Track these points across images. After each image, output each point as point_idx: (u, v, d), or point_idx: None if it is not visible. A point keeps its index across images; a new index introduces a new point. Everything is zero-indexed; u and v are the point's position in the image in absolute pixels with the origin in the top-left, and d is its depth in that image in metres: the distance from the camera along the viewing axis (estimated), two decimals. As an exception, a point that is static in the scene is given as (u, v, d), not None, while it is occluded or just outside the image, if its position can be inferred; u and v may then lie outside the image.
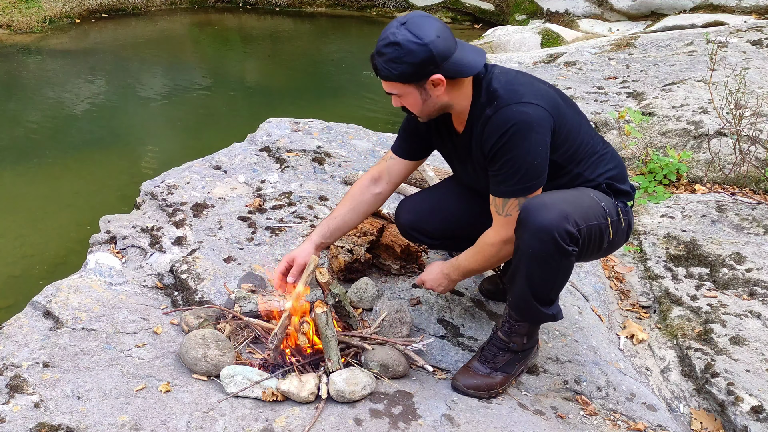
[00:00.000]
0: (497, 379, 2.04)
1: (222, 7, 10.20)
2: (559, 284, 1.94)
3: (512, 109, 1.80)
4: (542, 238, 1.79)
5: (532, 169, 1.81)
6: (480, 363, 2.07)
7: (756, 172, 3.61)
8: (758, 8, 7.09)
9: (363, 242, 2.41)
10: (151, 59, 7.91)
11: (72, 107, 6.30)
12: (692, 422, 2.18)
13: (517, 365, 2.09)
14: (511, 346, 2.05)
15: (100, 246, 2.62)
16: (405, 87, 1.82)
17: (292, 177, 3.16)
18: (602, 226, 1.90)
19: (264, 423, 1.79)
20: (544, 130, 1.81)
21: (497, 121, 1.81)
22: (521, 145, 1.79)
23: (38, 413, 1.75)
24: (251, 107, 6.58)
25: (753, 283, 2.71)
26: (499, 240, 1.94)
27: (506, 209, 1.87)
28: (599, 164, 1.99)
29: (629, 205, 2.04)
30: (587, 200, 1.90)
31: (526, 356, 2.11)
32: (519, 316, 2.01)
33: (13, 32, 8.24)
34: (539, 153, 1.81)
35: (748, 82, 4.05)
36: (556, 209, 1.79)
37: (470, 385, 2.02)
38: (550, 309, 1.97)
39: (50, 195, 4.57)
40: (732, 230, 3.13)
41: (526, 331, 2.03)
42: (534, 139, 1.79)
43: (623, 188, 2.01)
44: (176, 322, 2.21)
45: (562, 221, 1.78)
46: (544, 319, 2.00)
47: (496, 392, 2.04)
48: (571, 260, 1.86)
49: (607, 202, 1.94)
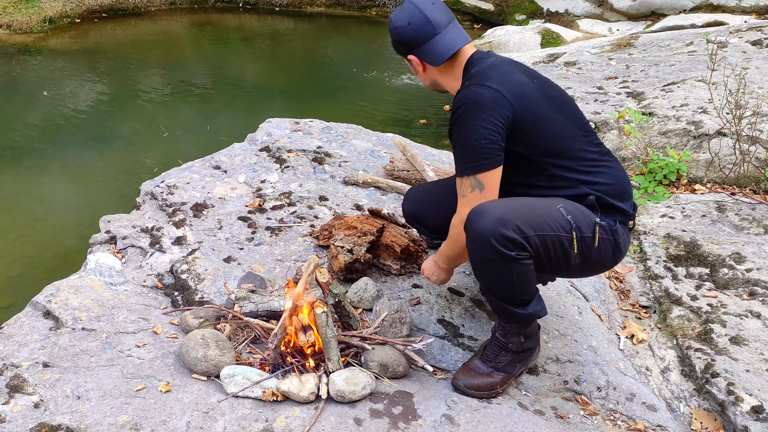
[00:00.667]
0: (497, 378, 2.04)
1: (222, 7, 10.20)
2: (521, 288, 1.89)
3: (470, 89, 1.85)
4: (480, 244, 1.81)
5: (478, 148, 1.82)
6: (481, 362, 2.06)
7: (756, 172, 3.61)
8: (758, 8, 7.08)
9: (363, 242, 2.41)
10: (151, 59, 7.90)
11: (72, 107, 6.30)
12: (692, 422, 2.18)
13: (518, 366, 2.09)
14: (509, 346, 2.05)
15: (100, 246, 2.62)
16: (406, 59, 2.01)
17: (292, 177, 3.16)
18: (563, 239, 1.84)
19: (264, 423, 1.79)
20: (495, 113, 1.81)
21: (455, 99, 1.88)
22: (468, 123, 1.83)
23: (38, 413, 1.75)
24: (251, 107, 6.58)
25: (753, 283, 2.71)
26: (458, 220, 1.95)
27: (462, 189, 1.90)
28: (591, 173, 1.94)
29: (626, 226, 1.98)
30: (546, 210, 1.86)
31: (528, 357, 2.10)
32: (502, 319, 2.02)
33: (13, 32, 8.24)
34: (485, 134, 1.81)
35: (748, 82, 4.05)
36: (494, 215, 1.79)
37: (471, 385, 2.02)
38: (525, 309, 1.94)
39: (50, 195, 4.57)
40: (732, 230, 3.13)
41: (517, 331, 2.03)
42: (481, 119, 1.81)
43: (618, 205, 1.95)
44: (176, 322, 2.21)
45: (498, 226, 1.77)
46: (522, 319, 1.98)
47: (496, 392, 2.04)
48: (522, 264, 1.82)
49: (582, 218, 1.88)
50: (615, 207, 1.95)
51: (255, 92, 7.13)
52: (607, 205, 1.94)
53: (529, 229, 1.80)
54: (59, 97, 6.55)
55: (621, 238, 1.96)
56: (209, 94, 6.96)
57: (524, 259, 1.81)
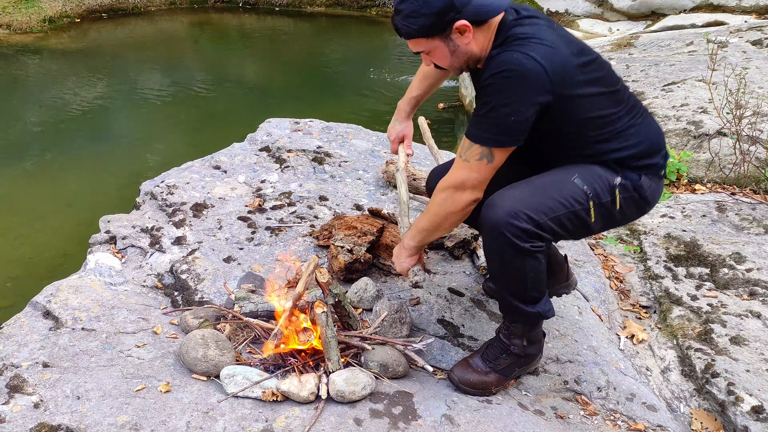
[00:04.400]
0: (492, 379, 2.03)
1: (222, 7, 10.20)
2: (533, 283, 1.87)
3: (512, 55, 1.68)
4: (494, 236, 1.78)
5: (505, 123, 1.70)
6: (481, 360, 2.05)
7: (756, 172, 3.61)
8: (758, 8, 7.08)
9: (363, 242, 2.41)
10: (151, 59, 7.91)
11: (72, 107, 6.31)
12: (692, 422, 2.18)
13: (516, 370, 2.07)
14: (512, 349, 2.03)
15: (100, 246, 2.62)
16: (430, 42, 1.74)
17: (292, 177, 3.16)
18: (579, 212, 1.80)
19: (264, 423, 1.79)
20: (534, 93, 1.68)
21: (495, 61, 1.70)
22: (504, 92, 1.69)
23: (38, 413, 1.75)
24: (251, 107, 6.59)
25: (753, 283, 2.71)
26: (448, 184, 1.82)
27: (467, 153, 1.77)
28: (620, 138, 1.83)
29: (654, 176, 1.89)
30: (558, 188, 1.80)
31: (528, 363, 2.08)
32: (509, 318, 2.00)
33: (12, 32, 8.24)
34: (518, 111, 1.69)
35: (748, 82, 4.05)
36: (507, 207, 1.75)
37: (464, 381, 2.01)
38: (535, 307, 1.92)
39: (50, 195, 4.57)
40: (732, 230, 3.13)
41: (521, 332, 2.01)
42: (518, 94, 1.68)
43: (643, 163, 1.86)
44: (176, 322, 2.21)
45: (511, 218, 1.73)
46: (531, 318, 1.96)
47: (489, 392, 2.03)
48: (535, 257, 1.80)
49: (600, 183, 1.82)
50: (639, 165, 1.86)
51: (255, 92, 7.13)
52: (631, 166, 1.85)
53: (541, 215, 1.76)
54: (59, 96, 6.55)
55: (647, 191, 1.88)
56: (209, 93, 6.97)
57: (538, 251, 1.79)
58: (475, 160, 1.75)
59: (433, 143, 3.15)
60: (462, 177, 1.79)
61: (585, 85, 1.76)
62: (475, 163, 1.76)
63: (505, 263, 1.83)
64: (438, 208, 1.87)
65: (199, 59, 8.36)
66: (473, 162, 1.76)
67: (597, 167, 1.85)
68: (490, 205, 1.79)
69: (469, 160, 1.76)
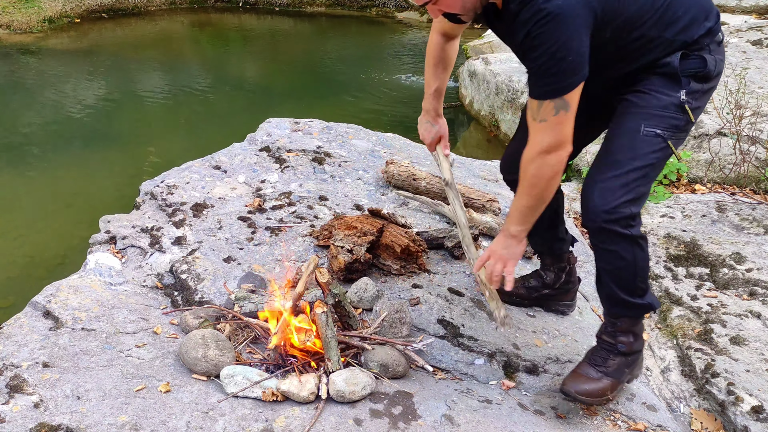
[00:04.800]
0: (607, 384, 2.00)
1: (222, 7, 10.21)
2: (642, 272, 1.87)
3: (537, 3, 1.59)
4: (600, 235, 1.79)
5: (567, 64, 1.62)
6: (591, 367, 2.01)
7: (756, 172, 3.61)
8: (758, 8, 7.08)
9: (363, 242, 2.41)
10: (151, 59, 7.91)
11: (72, 107, 6.31)
12: (692, 422, 2.18)
13: (626, 371, 2.03)
14: (619, 347, 1.99)
15: (99, 246, 2.62)
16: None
17: (292, 177, 3.16)
18: (661, 159, 1.80)
19: (264, 423, 1.79)
20: (581, 20, 1.60)
21: (524, 17, 1.62)
22: (553, 37, 1.59)
23: (38, 413, 1.75)
24: (251, 107, 6.59)
25: (753, 283, 2.71)
26: (535, 152, 1.73)
27: (541, 113, 1.68)
28: (665, 20, 1.73)
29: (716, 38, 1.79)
30: (633, 150, 1.77)
31: (635, 361, 2.05)
32: (614, 314, 1.97)
33: (12, 32, 8.24)
34: (572, 48, 1.60)
35: (748, 82, 4.05)
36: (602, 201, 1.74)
37: (581, 391, 1.97)
38: (644, 299, 1.92)
39: (50, 195, 4.57)
40: (732, 230, 3.13)
41: (627, 328, 1.98)
42: (568, 31, 1.59)
43: (700, 33, 1.75)
44: (176, 322, 2.21)
45: (610, 213, 1.74)
46: (641, 310, 1.95)
47: (607, 398, 1.99)
48: (641, 245, 1.81)
49: (669, 114, 1.77)
50: (697, 41, 1.76)
51: (255, 92, 7.13)
52: (693, 43, 1.76)
53: (632, 190, 1.76)
54: (59, 96, 6.56)
55: (714, 70, 1.78)
56: (209, 93, 6.97)
57: (636, 235, 1.79)
58: (552, 116, 1.67)
59: None
60: (548, 139, 1.70)
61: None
62: (554, 119, 1.67)
63: (614, 258, 1.83)
64: (536, 179, 1.77)
65: (199, 59, 8.36)
66: (551, 119, 1.67)
67: (656, 93, 1.77)
68: (585, 203, 1.79)
69: (547, 119, 1.68)
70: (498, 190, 3.32)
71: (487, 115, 5.93)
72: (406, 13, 10.24)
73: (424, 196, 3.02)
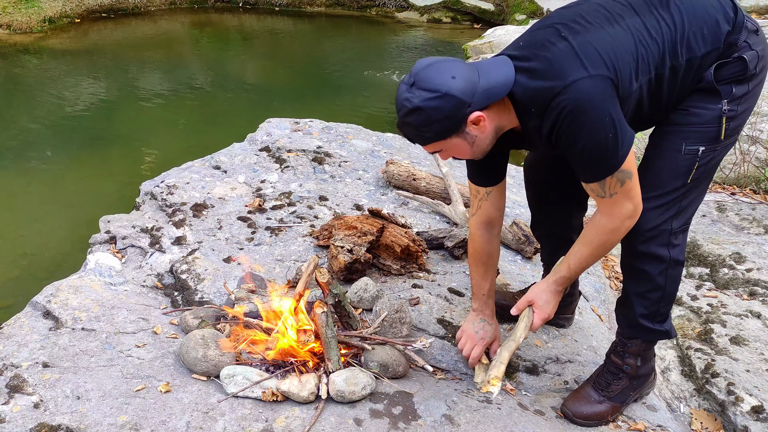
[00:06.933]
0: (607, 408, 2.00)
1: (222, 7, 10.21)
2: (668, 296, 1.85)
3: (554, 104, 1.58)
4: (635, 242, 1.77)
5: (609, 145, 1.60)
6: (594, 390, 2.02)
7: (756, 172, 3.61)
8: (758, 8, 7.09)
9: (363, 242, 2.41)
10: (151, 59, 7.91)
11: (72, 107, 6.31)
12: (692, 422, 2.18)
13: (630, 395, 2.03)
14: (624, 368, 1.99)
15: (99, 246, 2.62)
16: (446, 141, 1.66)
17: (292, 177, 3.16)
18: (704, 171, 1.76)
19: (264, 423, 1.79)
20: (602, 98, 1.57)
21: (547, 125, 1.62)
22: (585, 131, 1.58)
23: (38, 413, 1.75)
24: (251, 107, 6.59)
25: (753, 283, 2.71)
26: (619, 221, 1.72)
27: (608, 190, 1.68)
28: (687, 44, 1.66)
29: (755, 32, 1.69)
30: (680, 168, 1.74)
31: (640, 385, 2.04)
32: (627, 334, 1.96)
33: (13, 32, 8.24)
34: (609, 124, 1.57)
35: (748, 82, 4.04)
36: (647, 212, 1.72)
37: (579, 414, 1.98)
38: (663, 325, 1.90)
39: (50, 195, 4.57)
40: (732, 230, 3.13)
41: (637, 351, 1.97)
42: (596, 115, 1.57)
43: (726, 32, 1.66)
44: (176, 322, 2.21)
45: (650, 223, 1.73)
46: (656, 336, 1.94)
47: (606, 421, 2.00)
48: (675, 269, 1.80)
49: (711, 129, 1.71)
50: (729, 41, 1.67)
51: (255, 92, 7.13)
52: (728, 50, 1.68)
53: (674, 207, 1.75)
54: (59, 96, 6.56)
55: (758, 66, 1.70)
56: (209, 94, 6.97)
57: (678, 261, 1.79)
58: (619, 188, 1.67)
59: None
60: (628, 207, 1.71)
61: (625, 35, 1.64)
62: (622, 190, 1.67)
63: (645, 280, 1.82)
64: (610, 243, 1.79)
65: (199, 59, 8.36)
66: (619, 190, 1.68)
67: (696, 110, 1.72)
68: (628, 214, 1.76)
69: (617, 192, 1.68)
70: (498, 190, 3.32)
71: (487, 115, 5.93)
72: (406, 13, 10.24)
73: (424, 196, 3.02)
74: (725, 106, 1.70)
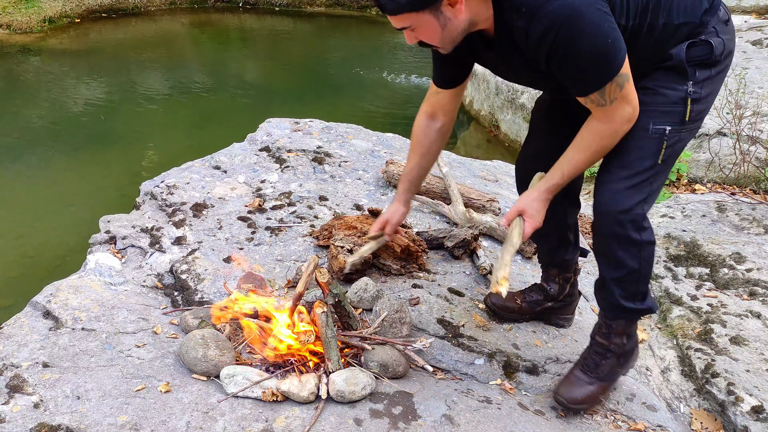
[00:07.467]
0: (598, 388, 2.01)
1: (222, 7, 10.20)
2: (644, 277, 1.86)
3: (547, 10, 1.52)
4: (607, 226, 1.77)
5: (607, 51, 1.56)
6: (583, 372, 2.03)
7: (756, 172, 3.61)
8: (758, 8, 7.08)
9: (363, 242, 2.41)
10: (151, 59, 7.91)
11: (72, 107, 6.31)
12: (692, 422, 2.18)
13: (618, 371, 2.04)
14: (611, 348, 2.00)
15: (99, 246, 2.62)
16: (418, 16, 1.56)
17: (292, 177, 3.16)
18: (671, 153, 1.77)
19: (264, 423, 1.79)
20: (597, 3, 1.53)
21: (536, 32, 1.55)
22: (582, 38, 1.53)
23: (38, 413, 1.75)
24: (251, 107, 6.59)
25: (753, 283, 2.71)
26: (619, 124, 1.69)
27: (608, 97, 1.64)
28: (668, 6, 1.67)
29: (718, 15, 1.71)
30: (648, 147, 1.73)
31: (627, 360, 2.05)
32: (611, 316, 1.96)
33: (13, 32, 8.24)
34: (605, 30, 1.54)
35: (748, 82, 4.05)
36: (613, 204, 1.73)
37: (573, 400, 2.00)
38: (644, 303, 1.91)
39: (50, 195, 4.57)
40: (732, 230, 3.13)
41: (622, 330, 1.98)
42: (592, 22, 1.52)
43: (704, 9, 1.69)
44: (176, 322, 2.21)
45: (621, 214, 1.73)
46: (638, 314, 1.95)
47: (598, 401, 2.01)
48: (647, 250, 1.79)
49: (678, 110, 1.73)
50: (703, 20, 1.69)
51: (255, 92, 7.13)
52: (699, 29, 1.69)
53: (644, 190, 1.75)
54: (59, 96, 6.56)
55: (723, 52, 1.71)
56: (209, 93, 6.97)
57: (650, 241, 1.79)
58: (619, 93, 1.63)
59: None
60: (628, 110, 1.67)
61: None
62: (622, 93, 1.63)
63: (619, 265, 1.82)
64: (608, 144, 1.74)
65: (199, 59, 8.36)
66: (619, 95, 1.63)
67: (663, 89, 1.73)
68: (596, 207, 1.78)
69: (616, 97, 1.64)
70: (498, 190, 3.32)
71: (487, 115, 5.93)
72: (406, 13, 10.20)
73: (424, 196, 3.02)
74: (690, 87, 1.72)
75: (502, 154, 5.28)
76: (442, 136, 2.07)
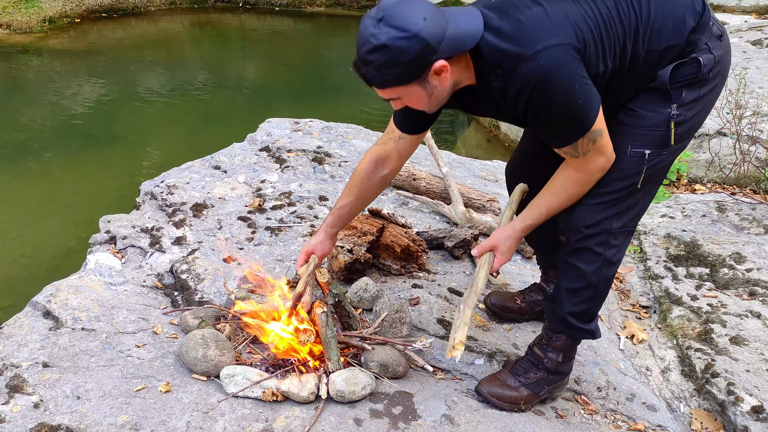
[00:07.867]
0: (523, 394, 2.00)
1: (222, 7, 10.20)
2: (598, 296, 1.87)
3: (521, 72, 1.54)
4: (572, 237, 1.79)
5: (579, 110, 1.59)
6: (510, 375, 2.03)
7: (756, 172, 3.61)
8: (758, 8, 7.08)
9: (363, 242, 2.41)
10: (151, 59, 7.91)
11: (72, 107, 6.30)
12: (692, 422, 2.18)
13: (546, 388, 2.02)
14: (545, 362, 1.99)
15: (99, 246, 2.62)
16: (406, 88, 1.58)
17: (292, 177, 3.16)
18: (651, 173, 1.75)
19: (264, 423, 1.79)
20: (568, 62, 1.55)
21: (513, 89, 1.58)
22: (554, 97, 1.57)
23: (38, 413, 1.75)
24: (251, 107, 6.59)
25: (753, 283, 2.71)
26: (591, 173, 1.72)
27: (581, 150, 1.67)
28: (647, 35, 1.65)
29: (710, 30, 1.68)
30: (625, 170, 1.73)
31: (557, 381, 2.03)
32: (554, 329, 1.96)
33: (13, 32, 8.23)
34: (578, 90, 1.56)
35: (748, 82, 4.05)
36: (585, 209, 1.75)
37: (494, 394, 1.99)
38: (590, 325, 1.92)
39: (50, 195, 4.57)
40: (732, 230, 3.13)
41: (562, 345, 1.97)
42: (565, 82, 1.55)
43: (690, 28, 1.65)
44: (176, 322, 2.21)
45: (588, 220, 1.74)
46: (581, 335, 1.96)
47: (519, 408, 1.99)
48: (608, 268, 1.80)
49: (659, 133, 1.71)
50: (690, 39, 1.65)
51: (255, 92, 7.13)
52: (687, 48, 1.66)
53: (615, 207, 1.75)
54: (59, 97, 6.55)
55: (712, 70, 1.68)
56: (209, 94, 6.97)
57: (613, 261, 1.80)
58: (592, 147, 1.66)
59: (433, 143, 3.16)
60: (601, 161, 1.70)
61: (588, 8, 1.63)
62: (595, 147, 1.66)
63: (577, 277, 1.82)
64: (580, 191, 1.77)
65: (199, 59, 8.36)
66: (591, 148, 1.66)
67: (646, 111, 1.71)
68: (565, 218, 1.80)
69: (589, 150, 1.67)
70: (498, 190, 3.32)
71: (487, 115, 5.92)
72: (406, 13, 10.21)
73: (424, 196, 3.02)
74: (674, 110, 1.69)
75: (502, 154, 5.28)
76: (383, 184, 2.06)
